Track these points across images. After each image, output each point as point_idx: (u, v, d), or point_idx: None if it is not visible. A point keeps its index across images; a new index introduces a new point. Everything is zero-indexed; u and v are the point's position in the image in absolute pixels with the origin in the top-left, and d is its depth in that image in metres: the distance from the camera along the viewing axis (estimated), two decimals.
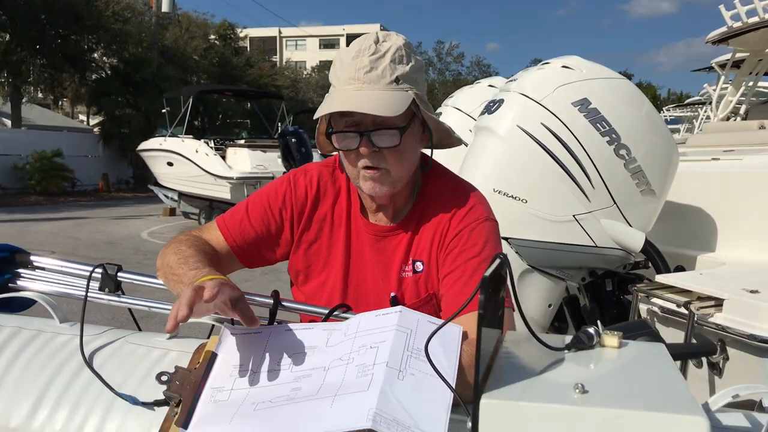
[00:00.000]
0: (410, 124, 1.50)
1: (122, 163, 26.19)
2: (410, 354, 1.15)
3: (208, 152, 14.61)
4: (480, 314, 0.79)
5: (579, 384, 0.82)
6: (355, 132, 1.47)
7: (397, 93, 1.45)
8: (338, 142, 1.50)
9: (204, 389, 1.27)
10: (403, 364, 1.13)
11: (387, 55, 1.46)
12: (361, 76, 1.44)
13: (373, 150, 1.47)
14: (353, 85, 1.45)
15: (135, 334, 1.55)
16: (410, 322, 1.22)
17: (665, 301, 2.83)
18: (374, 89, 1.44)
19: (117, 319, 4.55)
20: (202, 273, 1.38)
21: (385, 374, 1.10)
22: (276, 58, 62.04)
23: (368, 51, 1.46)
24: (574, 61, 3.27)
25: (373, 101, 1.42)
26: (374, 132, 1.46)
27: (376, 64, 1.45)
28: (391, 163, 1.49)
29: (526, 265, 3.20)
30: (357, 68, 1.45)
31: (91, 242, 11.69)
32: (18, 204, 19.06)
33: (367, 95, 1.44)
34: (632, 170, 3.13)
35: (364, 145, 1.46)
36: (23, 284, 1.73)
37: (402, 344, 1.17)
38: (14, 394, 1.38)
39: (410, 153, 1.53)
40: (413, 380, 1.10)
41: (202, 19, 41.91)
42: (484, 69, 55.26)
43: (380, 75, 1.44)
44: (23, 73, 26.77)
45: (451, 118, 4.88)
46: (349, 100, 1.44)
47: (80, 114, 43.93)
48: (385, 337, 1.19)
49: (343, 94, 1.46)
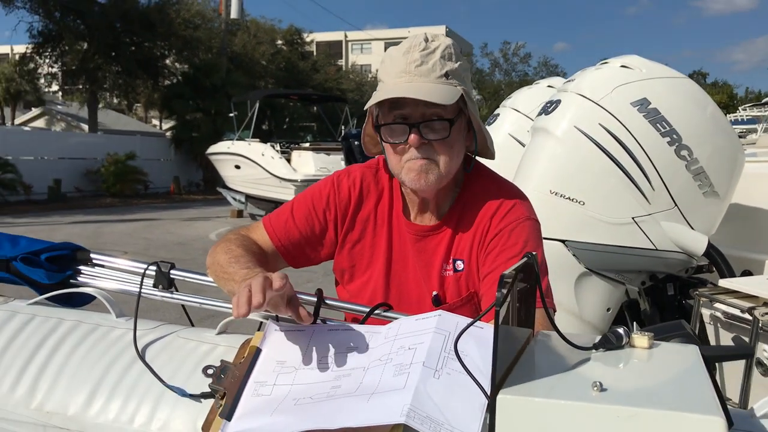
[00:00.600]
0: (458, 118, 1.52)
1: (193, 166, 26.91)
2: (447, 355, 1.16)
3: (273, 155, 14.90)
4: (496, 311, 0.80)
5: (597, 382, 0.82)
6: (404, 124, 1.49)
7: (447, 86, 1.48)
8: (386, 134, 1.53)
9: (248, 383, 1.31)
10: (440, 364, 1.14)
11: (437, 51, 1.49)
12: (412, 69, 1.48)
13: (423, 142, 1.49)
14: (404, 78, 1.48)
15: (186, 329, 1.60)
16: (449, 325, 1.23)
17: (728, 306, 2.75)
18: (425, 81, 1.47)
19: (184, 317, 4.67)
20: (254, 273, 1.42)
21: (421, 373, 1.12)
22: (342, 61, 62.64)
23: (419, 47, 1.49)
24: (633, 61, 3.21)
25: (425, 90, 1.46)
26: (423, 124, 1.48)
27: (426, 59, 1.48)
28: (441, 155, 1.51)
29: (583, 268, 3.16)
30: (408, 62, 1.48)
31: (162, 243, 12.05)
32: (94, 206, 19.81)
33: (418, 86, 1.47)
34: (694, 171, 3.05)
35: (413, 137, 1.48)
36: (84, 281, 1.82)
37: (440, 345, 1.18)
38: (72, 384, 1.45)
39: (458, 148, 1.55)
40: (449, 379, 1.11)
41: (270, 25, 42.77)
42: (552, 69, 54.49)
43: (431, 68, 1.48)
44: (99, 79, 27.89)
45: (509, 119, 4.86)
46: (401, 89, 1.47)
47: (153, 119, 45.36)
48: (423, 339, 1.21)
49: (395, 85, 1.49)
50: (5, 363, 1.51)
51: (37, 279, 1.76)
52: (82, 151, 23.33)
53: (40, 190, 19.94)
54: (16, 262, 1.78)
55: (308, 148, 15.78)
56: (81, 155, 23.14)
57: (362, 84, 49.02)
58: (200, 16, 31.85)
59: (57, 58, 28.83)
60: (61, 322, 1.60)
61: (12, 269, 1.80)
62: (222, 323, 1.58)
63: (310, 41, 49.34)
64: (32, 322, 1.60)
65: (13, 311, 1.64)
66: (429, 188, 1.55)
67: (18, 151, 20.33)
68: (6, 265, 1.79)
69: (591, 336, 1.03)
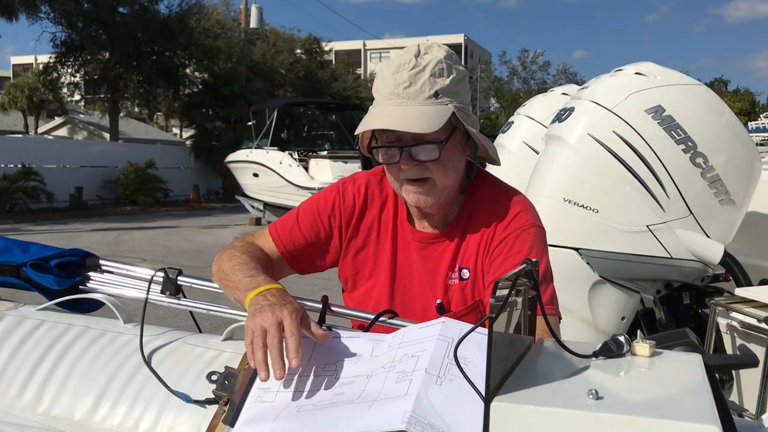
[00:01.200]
0: (451, 136, 1.51)
1: (212, 174, 27.09)
2: (450, 362, 1.16)
3: (291, 163, 14.98)
4: (490, 317, 0.79)
5: (593, 390, 0.81)
6: (396, 146, 1.49)
7: (435, 108, 1.46)
8: (381, 156, 1.53)
9: (252, 389, 1.31)
10: (442, 370, 1.14)
11: (427, 69, 1.47)
12: (400, 91, 1.46)
13: (414, 164, 1.49)
14: (392, 101, 1.48)
15: (192, 336, 1.61)
16: (452, 332, 1.23)
17: (745, 315, 2.71)
18: (413, 104, 1.46)
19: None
20: (257, 281, 1.42)
21: (423, 380, 1.11)
22: (360, 70, 62.83)
23: (408, 65, 1.47)
24: (647, 68, 3.19)
25: (413, 117, 1.44)
26: (414, 146, 1.48)
27: (415, 79, 1.46)
28: (435, 173, 1.51)
29: (597, 277, 3.13)
30: (396, 83, 1.47)
31: (181, 250, 12.14)
32: (114, 213, 20.01)
33: (406, 111, 1.46)
34: (710, 179, 3.02)
35: (404, 159, 1.48)
36: (93, 287, 1.83)
37: (443, 352, 1.18)
38: (79, 389, 1.47)
39: (453, 164, 1.54)
40: (451, 386, 1.11)
41: (289, 34, 43.03)
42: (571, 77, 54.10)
43: (419, 90, 1.46)
44: (121, 88, 28.20)
45: (523, 126, 4.84)
46: (389, 116, 1.47)
47: (173, 127, 45.80)
48: (426, 346, 1.21)
49: (383, 109, 1.49)
50: (14, 367, 1.53)
51: (47, 285, 1.78)
52: (103, 160, 23.59)
53: (61, 197, 20.19)
54: (26, 268, 1.80)
55: (326, 156, 15.85)
56: (102, 163, 23.39)
57: None
58: (220, 25, 32.13)
59: (79, 68, 29.24)
60: (69, 327, 1.61)
61: (22, 275, 1.82)
62: (228, 329, 1.59)
63: (329, 50, 49.56)
64: (41, 327, 1.62)
65: (23, 317, 1.66)
66: (430, 206, 1.56)
67: (41, 160, 20.61)
68: (16, 270, 1.82)
69: (592, 344, 1.01)
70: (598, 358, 0.97)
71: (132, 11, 26.91)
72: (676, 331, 1.16)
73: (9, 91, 33.63)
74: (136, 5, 26.94)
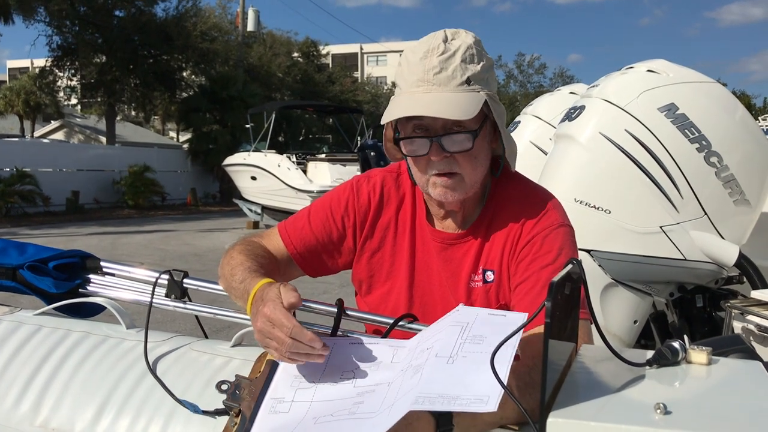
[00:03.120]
0: (482, 126, 1.42)
1: (209, 177, 27.00)
2: (463, 342, 1.06)
3: (289, 166, 14.94)
4: (547, 323, 0.71)
5: (660, 404, 0.72)
6: (424, 137, 1.40)
7: (469, 94, 1.37)
8: (406, 148, 1.43)
9: (264, 399, 1.23)
10: (454, 351, 1.05)
11: (457, 55, 1.38)
12: (431, 77, 1.37)
13: (445, 155, 1.40)
14: (422, 87, 1.38)
15: (199, 342, 1.53)
16: (467, 317, 1.14)
17: (762, 318, 2.64)
18: (445, 91, 1.37)
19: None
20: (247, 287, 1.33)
21: (433, 364, 1.04)
22: (357, 73, 62.82)
23: (437, 51, 1.38)
24: (659, 65, 3.12)
25: (445, 104, 1.35)
26: (445, 136, 1.38)
27: (446, 65, 1.37)
28: (465, 168, 1.41)
29: (609, 279, 3.06)
30: (426, 69, 1.37)
31: (179, 254, 12.04)
32: (111, 217, 19.89)
33: (437, 97, 1.36)
34: (724, 179, 2.95)
35: (434, 150, 1.39)
36: (93, 290, 1.74)
37: (455, 336, 1.09)
38: (79, 399, 1.38)
39: (483, 157, 1.45)
40: (464, 361, 1.01)
41: (286, 37, 43.03)
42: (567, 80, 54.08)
43: (450, 76, 1.37)
44: (117, 92, 28.10)
45: (530, 126, 4.77)
46: (419, 103, 1.36)
47: (170, 131, 45.70)
48: (440, 336, 1.13)
49: (411, 97, 1.39)
50: (10, 376, 1.45)
51: (45, 288, 1.69)
52: (99, 163, 23.48)
53: (58, 201, 20.08)
54: (23, 270, 1.71)
55: (324, 159, 15.79)
56: (99, 167, 23.28)
57: (378, 96, 49.07)
58: (217, 28, 32.02)
59: (76, 71, 29.12)
60: (68, 333, 1.53)
61: (19, 278, 1.73)
62: (237, 335, 1.51)
63: (326, 53, 49.52)
64: (38, 333, 1.54)
65: (19, 322, 1.58)
66: (455, 201, 1.47)
67: (37, 163, 20.49)
68: (12, 273, 1.72)
69: (641, 351, 0.93)
70: (652, 366, 0.89)
71: (128, 14, 26.81)
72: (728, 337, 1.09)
73: (5, 95, 33.58)
74: (133, 8, 26.85)
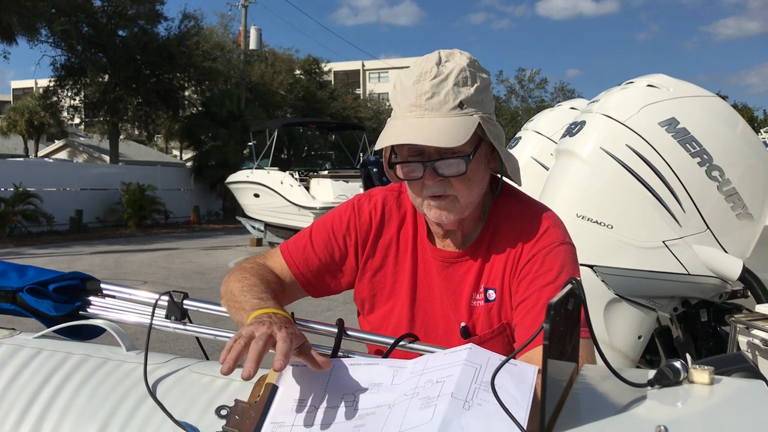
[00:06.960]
0: (477, 149, 1.42)
1: (212, 195, 27.07)
2: (478, 386, 1.06)
3: (292, 183, 14.96)
4: (545, 345, 0.71)
5: (662, 426, 0.71)
6: (418, 161, 1.40)
7: (461, 119, 1.37)
8: (402, 171, 1.44)
9: (264, 424, 1.21)
10: (469, 395, 1.04)
11: (450, 78, 1.37)
12: (423, 102, 1.37)
13: (438, 179, 1.40)
14: (414, 113, 1.37)
15: (199, 363, 1.52)
16: (480, 359, 1.14)
17: (767, 333, 2.62)
18: (436, 116, 1.36)
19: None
20: (266, 305, 1.33)
21: (450, 404, 1.02)
22: (359, 90, 63.07)
23: (429, 75, 1.37)
24: (660, 80, 3.12)
25: (437, 130, 1.34)
26: (438, 161, 1.38)
27: (438, 89, 1.37)
28: (459, 190, 1.41)
29: (613, 295, 3.05)
30: (418, 94, 1.37)
31: (182, 272, 12.04)
32: (115, 236, 19.93)
33: (429, 123, 1.36)
34: (726, 193, 2.94)
35: (428, 174, 1.39)
36: (93, 312, 1.74)
37: (470, 377, 1.08)
38: (79, 422, 1.37)
39: (478, 179, 1.45)
40: (480, 410, 1.01)
41: (288, 55, 43.20)
42: (568, 95, 54.15)
43: (443, 101, 1.36)
44: (120, 111, 28.27)
45: (531, 141, 4.77)
46: (411, 130, 1.36)
47: (173, 149, 45.83)
48: (452, 372, 1.12)
49: (404, 122, 1.39)
50: (9, 399, 1.44)
51: (45, 311, 1.68)
52: (103, 182, 23.55)
53: (61, 220, 20.12)
54: (23, 293, 1.70)
55: (327, 176, 15.81)
56: (102, 186, 23.35)
57: (380, 112, 49.24)
58: (219, 47, 32.27)
59: (79, 91, 29.32)
60: (68, 356, 1.52)
61: (18, 300, 1.72)
62: None
63: (328, 70, 49.77)
64: (38, 356, 1.53)
65: (19, 345, 1.56)
66: (451, 222, 1.46)
67: (41, 183, 20.56)
68: (12, 296, 1.72)
69: (643, 371, 0.92)
70: (653, 386, 0.88)
71: (131, 34, 27.01)
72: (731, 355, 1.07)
73: (9, 115, 33.73)
74: (136, 28, 27.06)
